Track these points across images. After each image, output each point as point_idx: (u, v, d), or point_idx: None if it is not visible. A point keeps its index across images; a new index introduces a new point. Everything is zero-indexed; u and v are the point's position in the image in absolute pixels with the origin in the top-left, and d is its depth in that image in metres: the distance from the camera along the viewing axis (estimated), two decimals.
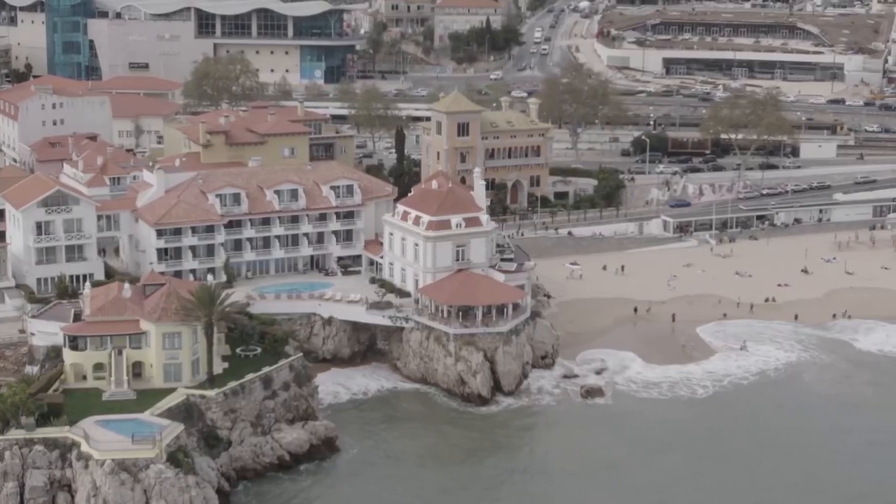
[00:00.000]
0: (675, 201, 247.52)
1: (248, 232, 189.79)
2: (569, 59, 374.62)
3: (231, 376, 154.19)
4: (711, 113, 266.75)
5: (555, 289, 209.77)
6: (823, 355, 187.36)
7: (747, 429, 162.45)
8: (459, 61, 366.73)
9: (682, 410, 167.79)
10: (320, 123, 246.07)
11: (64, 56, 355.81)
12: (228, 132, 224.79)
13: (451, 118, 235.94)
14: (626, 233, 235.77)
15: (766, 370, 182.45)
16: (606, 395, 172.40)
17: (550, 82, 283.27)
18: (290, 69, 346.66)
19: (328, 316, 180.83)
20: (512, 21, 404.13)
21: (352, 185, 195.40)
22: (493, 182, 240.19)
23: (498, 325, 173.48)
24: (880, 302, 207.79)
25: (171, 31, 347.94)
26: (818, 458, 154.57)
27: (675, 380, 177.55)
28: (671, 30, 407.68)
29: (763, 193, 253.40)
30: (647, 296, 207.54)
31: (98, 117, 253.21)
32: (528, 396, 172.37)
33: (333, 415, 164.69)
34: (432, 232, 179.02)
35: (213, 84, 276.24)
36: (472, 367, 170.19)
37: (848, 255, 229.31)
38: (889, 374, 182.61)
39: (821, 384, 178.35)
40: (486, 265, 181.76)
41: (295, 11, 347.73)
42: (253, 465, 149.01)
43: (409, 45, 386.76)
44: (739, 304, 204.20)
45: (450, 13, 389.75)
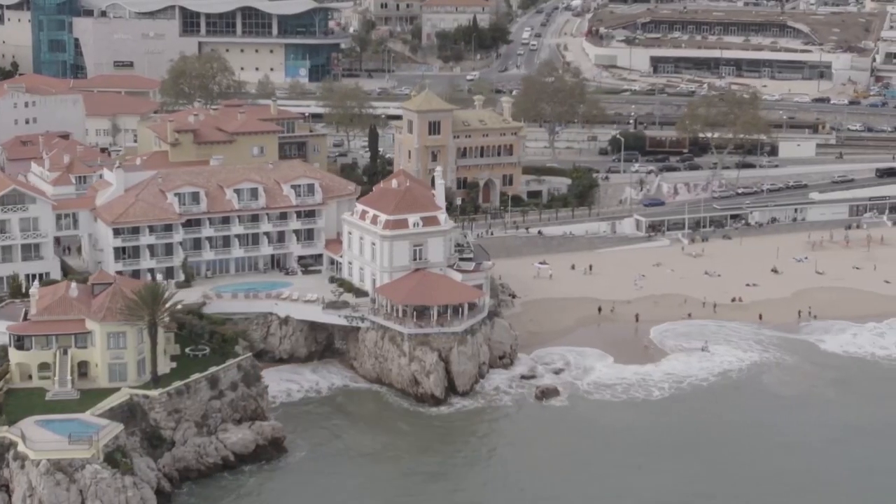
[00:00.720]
0: (649, 200, 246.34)
1: (207, 231, 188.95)
2: (557, 57, 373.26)
3: (177, 376, 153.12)
4: (688, 112, 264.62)
5: (521, 288, 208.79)
6: (787, 356, 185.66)
7: (698, 430, 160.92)
8: (446, 60, 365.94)
9: (635, 412, 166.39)
10: (293, 122, 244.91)
11: (50, 54, 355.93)
12: (197, 131, 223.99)
13: (422, 117, 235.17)
14: (597, 232, 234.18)
15: (727, 371, 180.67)
16: (562, 395, 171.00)
17: (528, 81, 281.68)
18: (274, 67, 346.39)
19: (285, 315, 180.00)
20: (501, 20, 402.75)
21: (313, 185, 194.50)
22: (465, 181, 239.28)
23: (453, 325, 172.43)
24: (847, 302, 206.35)
25: (155, 29, 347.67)
26: (772, 455, 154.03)
27: (633, 381, 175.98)
28: (661, 28, 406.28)
29: (738, 193, 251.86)
30: (614, 295, 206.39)
31: (71, 116, 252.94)
32: (484, 397, 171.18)
33: (285, 414, 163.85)
34: (389, 231, 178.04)
35: (190, 82, 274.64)
36: (425, 367, 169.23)
37: (821, 255, 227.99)
38: (852, 375, 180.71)
39: (781, 385, 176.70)
40: (444, 264, 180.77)
41: (280, 10, 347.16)
42: (196, 466, 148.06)
43: (396, 44, 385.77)
44: (705, 303, 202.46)
45: (437, 11, 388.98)
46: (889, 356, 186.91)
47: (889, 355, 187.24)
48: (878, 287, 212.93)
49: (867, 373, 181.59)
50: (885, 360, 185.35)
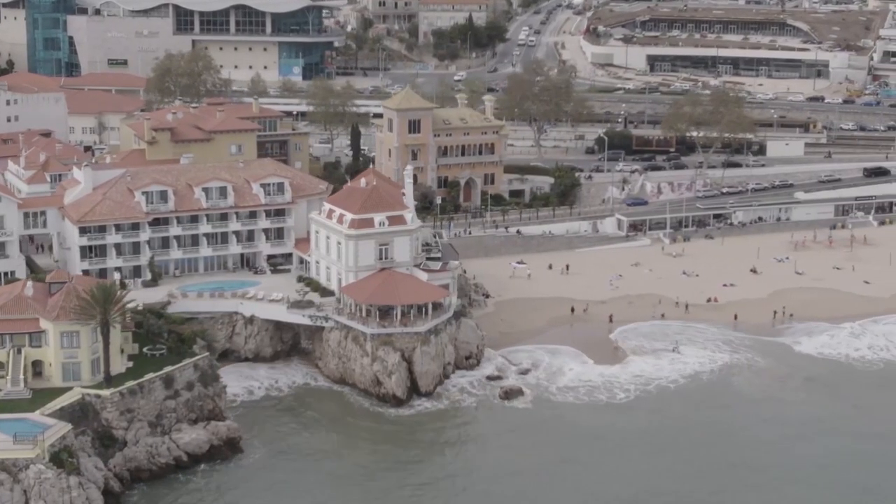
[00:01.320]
0: (632, 200, 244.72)
1: (175, 230, 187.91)
2: (553, 55, 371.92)
3: (133, 376, 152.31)
4: (673, 110, 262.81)
5: (496, 288, 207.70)
6: (759, 358, 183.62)
7: (657, 432, 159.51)
8: (441, 58, 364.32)
9: (598, 414, 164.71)
10: (275, 121, 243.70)
11: (45, 52, 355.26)
12: (174, 129, 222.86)
13: (402, 115, 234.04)
14: (578, 232, 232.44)
15: (698, 373, 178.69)
16: (527, 397, 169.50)
17: (513, 79, 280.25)
18: (268, 66, 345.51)
19: (250, 315, 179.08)
20: (499, 18, 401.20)
21: (282, 183, 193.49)
22: (447, 180, 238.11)
23: (416, 325, 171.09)
24: (825, 302, 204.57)
25: (149, 27, 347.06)
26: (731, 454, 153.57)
27: (599, 383, 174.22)
28: (660, 26, 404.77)
29: (723, 192, 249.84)
30: (589, 295, 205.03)
31: (53, 114, 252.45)
32: (447, 398, 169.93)
33: (245, 414, 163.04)
34: (354, 230, 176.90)
35: (176, 81, 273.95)
36: (387, 367, 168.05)
37: (803, 255, 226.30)
38: (824, 377, 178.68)
39: (751, 387, 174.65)
40: (410, 264, 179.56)
41: (273, 7, 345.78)
42: (148, 466, 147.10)
43: (393, 42, 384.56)
44: (678, 303, 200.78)
45: (434, 9, 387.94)
46: (863, 358, 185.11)
47: (863, 357, 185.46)
48: (858, 288, 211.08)
49: (839, 374, 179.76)
50: (859, 363, 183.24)
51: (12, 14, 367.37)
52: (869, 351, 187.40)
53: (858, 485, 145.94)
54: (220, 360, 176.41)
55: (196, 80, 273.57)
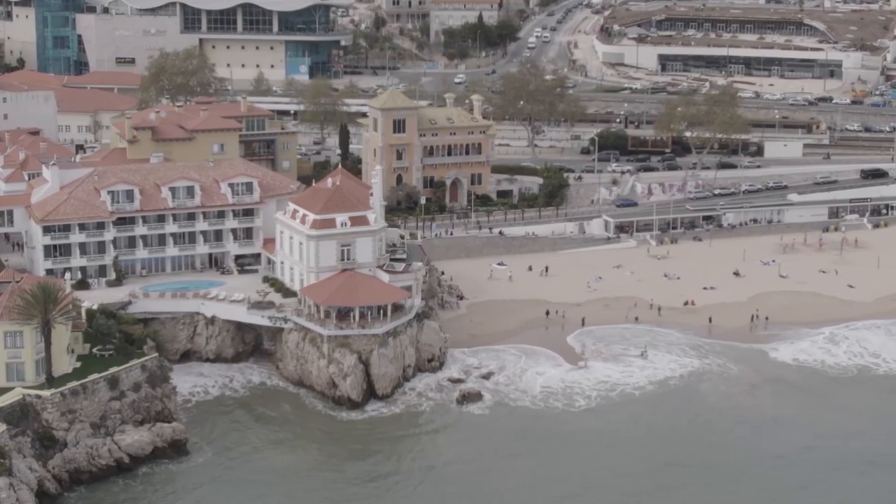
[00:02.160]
0: (622, 201, 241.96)
1: (141, 229, 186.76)
2: (565, 55, 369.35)
3: (77, 376, 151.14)
4: (665, 110, 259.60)
5: (472, 289, 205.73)
6: (732, 365, 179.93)
7: (609, 440, 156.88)
8: (451, 57, 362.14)
9: (552, 421, 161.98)
10: (263, 120, 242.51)
11: (54, 51, 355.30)
12: (156, 128, 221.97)
13: (387, 114, 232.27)
14: (564, 233, 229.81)
15: (667, 379, 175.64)
16: (485, 401, 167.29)
17: (507, 79, 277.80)
18: (275, 64, 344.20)
19: (211, 315, 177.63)
20: (513, 17, 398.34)
21: (251, 183, 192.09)
22: (433, 180, 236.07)
23: (374, 326, 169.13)
24: (804, 307, 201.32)
25: (156, 26, 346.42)
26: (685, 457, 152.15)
27: (560, 388, 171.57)
28: (676, 26, 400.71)
29: (715, 193, 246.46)
30: (565, 298, 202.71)
31: (43, 112, 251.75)
32: (404, 402, 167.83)
33: (198, 415, 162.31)
34: (315, 231, 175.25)
35: (171, 79, 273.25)
36: (343, 369, 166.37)
37: (790, 258, 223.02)
38: (795, 384, 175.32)
39: (717, 395, 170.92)
40: (373, 265, 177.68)
41: (280, 6, 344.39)
42: (88, 468, 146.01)
43: (405, 41, 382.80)
44: (652, 306, 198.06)
45: (446, 8, 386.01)
46: (837, 364, 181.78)
47: (838, 363, 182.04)
48: (840, 291, 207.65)
49: (811, 381, 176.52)
50: (833, 369, 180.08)
51: (24, 12, 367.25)
52: (845, 357, 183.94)
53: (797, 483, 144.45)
54: (182, 361, 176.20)
55: (190, 79, 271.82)
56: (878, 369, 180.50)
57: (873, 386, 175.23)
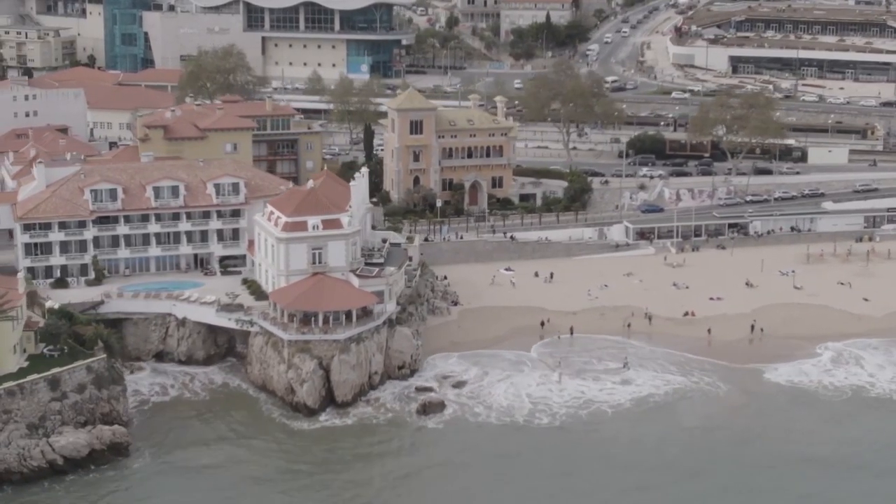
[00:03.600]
0: (647, 206, 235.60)
1: (123, 228, 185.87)
2: (635, 56, 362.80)
3: (19, 376, 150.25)
4: (700, 113, 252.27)
5: (471, 295, 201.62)
6: (721, 384, 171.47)
7: (562, 457, 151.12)
8: (517, 57, 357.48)
9: (506, 438, 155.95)
10: (288, 119, 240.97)
11: (122, 48, 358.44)
12: (168, 126, 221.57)
13: (403, 115, 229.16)
14: (582, 238, 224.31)
15: (647, 396, 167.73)
16: (446, 413, 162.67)
17: (539, 80, 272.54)
18: (336, 63, 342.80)
19: (182, 317, 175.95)
20: (586, 16, 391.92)
21: (237, 184, 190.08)
22: (451, 182, 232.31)
23: (336, 332, 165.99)
24: (809, 320, 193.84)
25: (220, 24, 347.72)
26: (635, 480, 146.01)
27: (525, 403, 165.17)
28: (756, 27, 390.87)
29: (747, 200, 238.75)
30: (563, 306, 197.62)
31: (73, 109, 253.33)
32: (360, 411, 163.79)
33: (150, 418, 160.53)
34: (286, 233, 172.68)
35: (210, 77, 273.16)
36: (301, 375, 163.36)
37: (813, 269, 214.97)
38: (780, 406, 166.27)
39: (693, 415, 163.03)
40: (346, 269, 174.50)
41: (341, 5, 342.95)
42: (19, 469, 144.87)
43: (475, 40, 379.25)
44: (647, 316, 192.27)
45: (516, 8, 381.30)
46: (832, 385, 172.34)
47: (833, 384, 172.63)
48: (853, 305, 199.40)
49: (799, 403, 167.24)
50: (827, 390, 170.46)
51: (97, 10, 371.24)
52: (843, 376, 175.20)
53: None
54: (156, 362, 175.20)
55: (228, 78, 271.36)
56: (872, 391, 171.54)
57: (862, 409, 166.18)
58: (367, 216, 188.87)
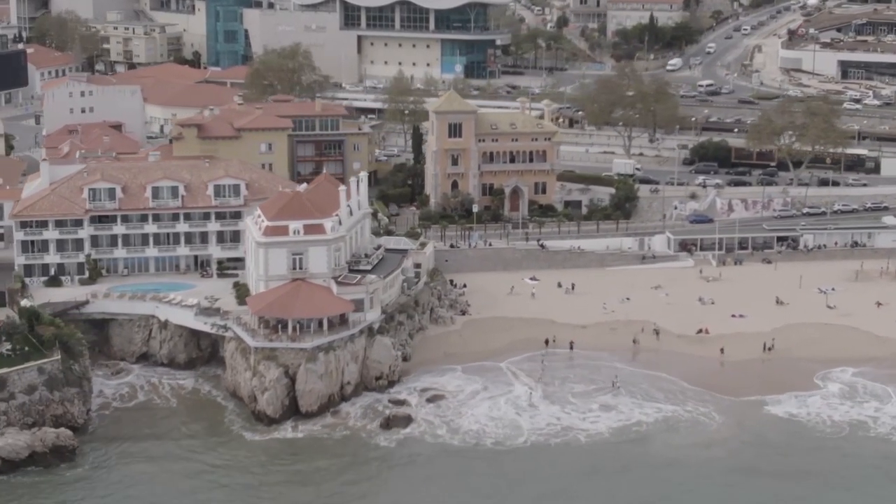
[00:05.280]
0: (696, 217, 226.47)
1: (119, 228, 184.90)
2: (744, 59, 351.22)
3: None
4: (759, 120, 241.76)
5: (484, 304, 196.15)
6: (717, 415, 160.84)
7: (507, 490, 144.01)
8: (618, 59, 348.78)
9: (459, 461, 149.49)
10: (337, 120, 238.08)
11: (225, 45, 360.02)
12: (202, 125, 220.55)
13: (441, 118, 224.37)
14: (621, 248, 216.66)
15: (629, 426, 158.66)
16: (409, 429, 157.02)
17: (602, 84, 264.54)
18: (430, 63, 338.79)
19: (164, 319, 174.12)
20: (699, 17, 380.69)
21: (238, 185, 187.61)
22: (491, 187, 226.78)
23: (304, 340, 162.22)
24: (829, 341, 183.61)
25: (317, 21, 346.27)
26: None
27: (496, 426, 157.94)
28: (879, 30, 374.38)
29: (804, 212, 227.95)
30: (575, 318, 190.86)
31: (129, 106, 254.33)
32: (325, 422, 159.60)
33: (109, 422, 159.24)
34: (265, 238, 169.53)
35: (276, 75, 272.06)
36: (264, 383, 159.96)
37: (857, 287, 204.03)
38: (767, 442, 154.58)
39: (667, 448, 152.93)
40: (327, 275, 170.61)
41: (436, 4, 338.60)
42: None
43: (581, 41, 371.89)
44: (657, 331, 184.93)
45: (623, 8, 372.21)
46: (831, 419, 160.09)
47: (832, 418, 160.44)
48: (882, 328, 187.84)
49: (789, 440, 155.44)
50: (824, 426, 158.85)
51: (204, 6, 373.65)
52: (846, 409, 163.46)
53: None
54: (141, 363, 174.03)
55: (291, 77, 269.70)
56: (872, 428, 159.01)
57: (855, 451, 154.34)
58: (364, 221, 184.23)
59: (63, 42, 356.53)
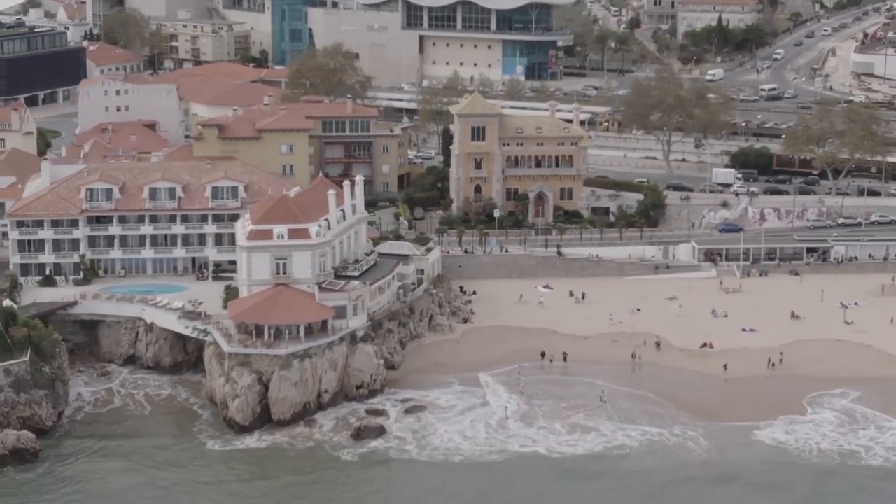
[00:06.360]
0: (726, 225, 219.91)
1: (116, 229, 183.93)
2: (816, 62, 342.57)
3: None
4: (797, 126, 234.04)
5: (490, 312, 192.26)
6: (703, 440, 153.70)
7: None
8: (684, 61, 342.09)
9: (413, 481, 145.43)
10: (368, 121, 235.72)
11: (290, 44, 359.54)
12: (223, 126, 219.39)
13: (464, 121, 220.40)
14: (642, 257, 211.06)
15: (612, 448, 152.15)
16: (379, 441, 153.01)
17: (637, 87, 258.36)
18: (492, 64, 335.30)
19: (150, 322, 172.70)
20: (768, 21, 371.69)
21: (235, 187, 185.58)
22: (516, 192, 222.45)
23: (278, 346, 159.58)
24: (836, 359, 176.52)
25: (379, 21, 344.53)
26: None
27: (467, 442, 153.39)
28: None
29: (839, 223, 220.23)
30: (578, 329, 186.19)
31: (164, 105, 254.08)
32: (295, 431, 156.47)
33: (79, 426, 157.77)
34: (248, 242, 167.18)
35: (318, 75, 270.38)
36: (235, 389, 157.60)
37: (884, 302, 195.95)
38: (744, 471, 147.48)
39: (634, 476, 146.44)
40: (311, 281, 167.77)
41: (497, 4, 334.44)
42: None
43: (651, 43, 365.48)
44: (658, 344, 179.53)
45: (694, 10, 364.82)
46: (818, 448, 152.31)
47: (819, 447, 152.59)
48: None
49: (767, 468, 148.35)
50: (809, 454, 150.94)
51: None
52: (837, 436, 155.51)
53: None
54: (126, 366, 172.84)
55: (331, 77, 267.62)
56: (864, 459, 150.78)
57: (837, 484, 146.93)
58: (359, 226, 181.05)
59: (129, 40, 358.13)
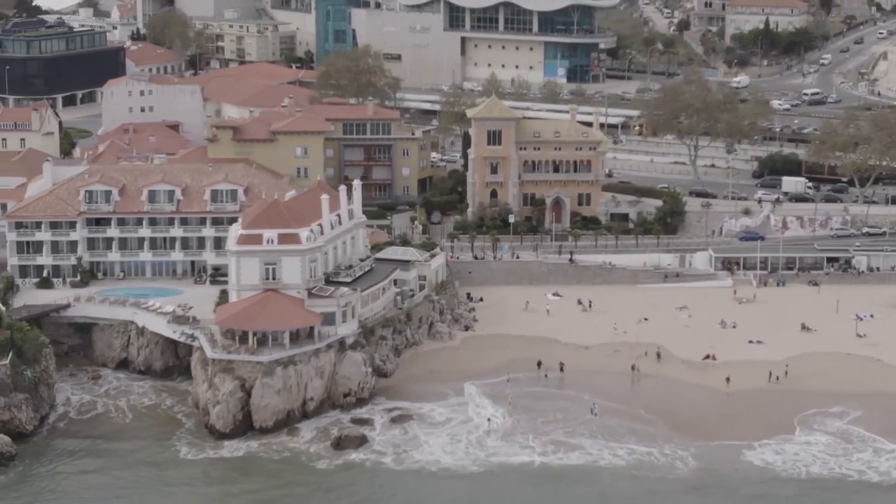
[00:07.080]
0: (747, 234, 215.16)
1: (114, 231, 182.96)
2: (865, 65, 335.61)
3: None
4: (822, 132, 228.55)
5: (494, 320, 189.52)
6: (693, 460, 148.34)
7: None
8: (729, 64, 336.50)
9: (378, 490, 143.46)
10: (389, 124, 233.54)
11: (334, 44, 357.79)
12: (237, 128, 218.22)
13: (480, 125, 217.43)
14: (658, 264, 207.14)
15: (593, 465, 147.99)
16: (361, 451, 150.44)
17: (667, 91, 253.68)
18: (533, 66, 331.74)
19: (142, 325, 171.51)
20: (820, 24, 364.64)
21: (235, 190, 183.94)
22: (532, 197, 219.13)
23: (262, 353, 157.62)
24: (842, 373, 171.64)
25: (422, 22, 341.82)
26: None
27: (448, 457, 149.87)
28: None
29: (864, 232, 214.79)
30: (580, 338, 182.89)
31: (189, 106, 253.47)
32: (275, 440, 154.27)
33: (58, 433, 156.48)
34: (237, 247, 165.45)
35: (346, 76, 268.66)
36: (217, 396, 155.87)
37: None
38: (724, 492, 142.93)
39: (614, 498, 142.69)
40: (301, 286, 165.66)
41: (539, 6, 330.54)
42: None
43: (699, 46, 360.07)
44: (659, 356, 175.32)
45: (742, 12, 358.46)
46: (807, 471, 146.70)
47: (809, 469, 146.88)
48: None
49: (749, 490, 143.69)
50: (797, 479, 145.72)
51: None
52: (829, 457, 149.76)
53: None
54: (119, 370, 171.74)
55: (359, 78, 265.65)
56: (851, 487, 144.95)
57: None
58: (356, 231, 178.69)
59: (171, 39, 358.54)
